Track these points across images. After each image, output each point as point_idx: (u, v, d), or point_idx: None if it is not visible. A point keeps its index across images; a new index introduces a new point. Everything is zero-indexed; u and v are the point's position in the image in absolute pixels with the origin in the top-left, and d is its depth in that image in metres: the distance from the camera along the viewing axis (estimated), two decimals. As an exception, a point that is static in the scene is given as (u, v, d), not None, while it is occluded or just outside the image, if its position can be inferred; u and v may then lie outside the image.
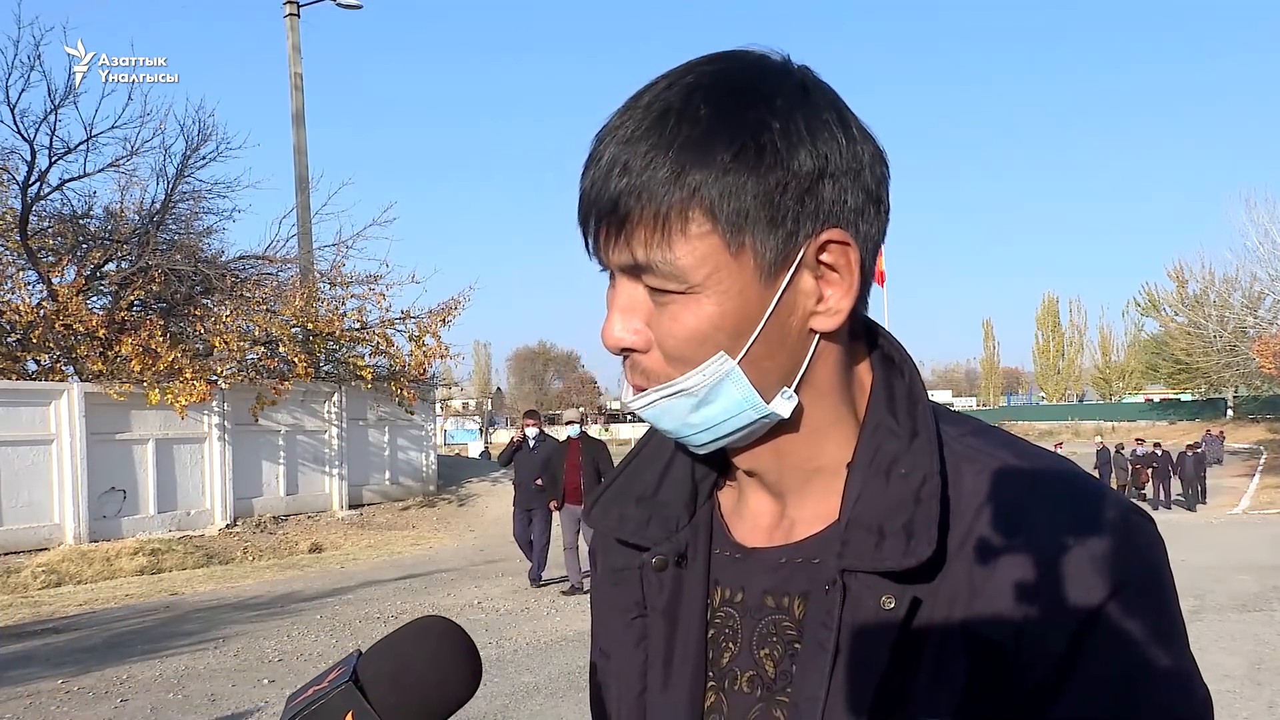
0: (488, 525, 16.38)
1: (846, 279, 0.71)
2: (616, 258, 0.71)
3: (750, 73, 0.70)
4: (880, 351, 0.79)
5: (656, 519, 0.83)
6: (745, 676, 0.77)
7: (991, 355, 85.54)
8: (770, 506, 0.80)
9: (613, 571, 0.87)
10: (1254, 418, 48.21)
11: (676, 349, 0.71)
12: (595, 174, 0.70)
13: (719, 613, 0.79)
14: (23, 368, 14.03)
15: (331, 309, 16.27)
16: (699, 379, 0.71)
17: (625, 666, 0.83)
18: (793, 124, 0.69)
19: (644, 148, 0.68)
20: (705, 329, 0.70)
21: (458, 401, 79.33)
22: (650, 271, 0.69)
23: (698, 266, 0.68)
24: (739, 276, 0.69)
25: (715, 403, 0.72)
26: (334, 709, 0.65)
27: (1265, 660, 6.88)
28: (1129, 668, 0.66)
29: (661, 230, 0.68)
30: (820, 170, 0.69)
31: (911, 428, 0.74)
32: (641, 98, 0.70)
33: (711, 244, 0.68)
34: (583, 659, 7.09)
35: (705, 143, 0.67)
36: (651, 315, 0.71)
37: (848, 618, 0.69)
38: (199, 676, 6.88)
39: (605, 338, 0.73)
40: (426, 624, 0.72)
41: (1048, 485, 0.71)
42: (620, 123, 0.70)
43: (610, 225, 0.70)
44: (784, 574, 0.76)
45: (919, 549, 0.68)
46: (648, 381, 0.73)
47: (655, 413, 0.74)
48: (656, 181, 0.67)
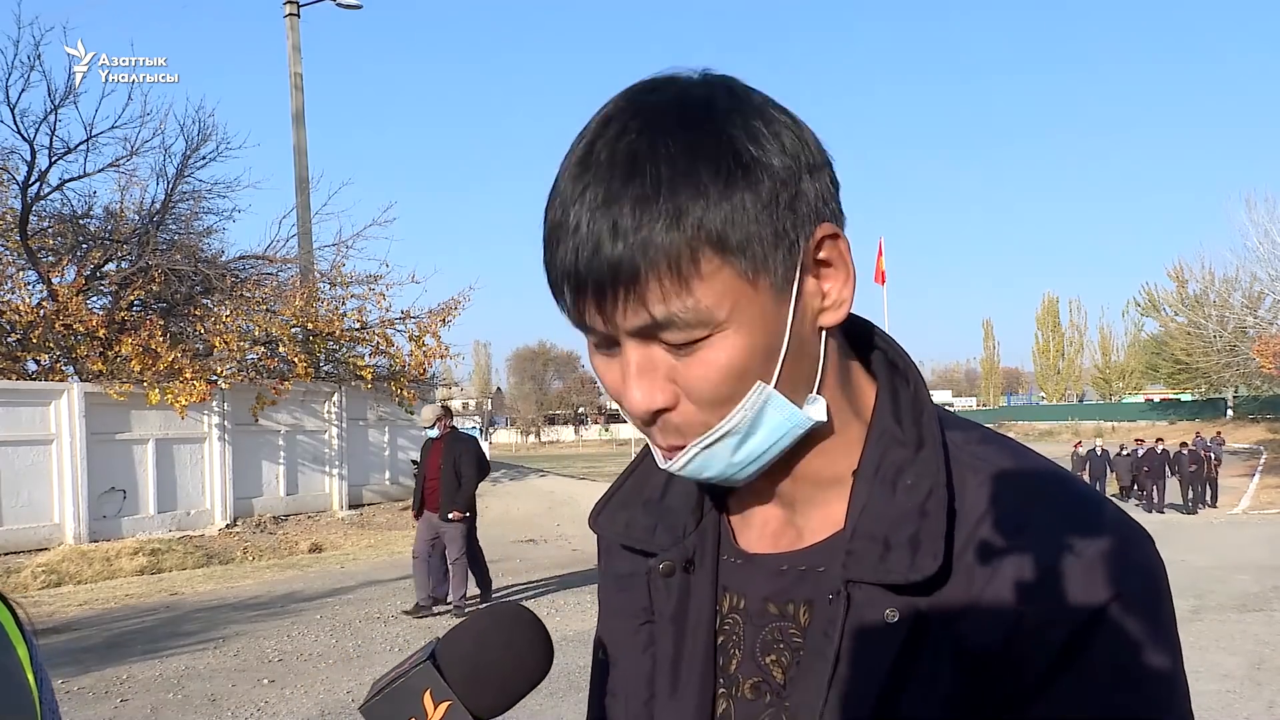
0: (488, 525, 16.32)
1: (843, 269, 0.71)
2: (629, 322, 0.67)
3: (689, 96, 0.68)
4: (883, 356, 0.79)
5: (663, 524, 0.83)
6: (748, 683, 0.77)
7: (991, 355, 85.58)
8: (777, 514, 0.79)
9: (619, 577, 0.86)
10: (1254, 418, 48.15)
11: (714, 392, 0.68)
12: (577, 244, 0.65)
13: (727, 619, 0.79)
14: (23, 368, 14.02)
15: (331, 309, 16.25)
16: (741, 415, 0.69)
17: (632, 673, 0.83)
18: (758, 132, 0.67)
19: (628, 203, 0.64)
20: (741, 363, 0.67)
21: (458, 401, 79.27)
22: (671, 326, 0.66)
23: (720, 304, 0.66)
24: (757, 301, 0.67)
25: (759, 433, 0.70)
26: (413, 687, 0.69)
27: (1265, 660, 6.88)
28: (1119, 674, 0.66)
29: (677, 280, 0.64)
30: (796, 170, 0.68)
31: (918, 436, 0.73)
32: (596, 154, 0.66)
33: (726, 277, 0.66)
34: (583, 659, 7.07)
35: (691, 177, 0.64)
36: (673, 369, 0.68)
37: (850, 628, 0.69)
38: (199, 676, 6.88)
39: (633, 407, 0.69)
40: (502, 609, 0.76)
41: (1050, 497, 0.71)
42: (585, 185, 0.66)
43: (615, 292, 0.65)
44: (787, 581, 0.76)
45: (924, 564, 0.68)
46: (683, 438, 0.70)
47: (697, 466, 0.71)
48: (657, 233, 0.64)
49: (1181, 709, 0.68)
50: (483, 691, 0.70)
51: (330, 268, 17.38)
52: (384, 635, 8.17)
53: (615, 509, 0.87)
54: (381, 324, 16.66)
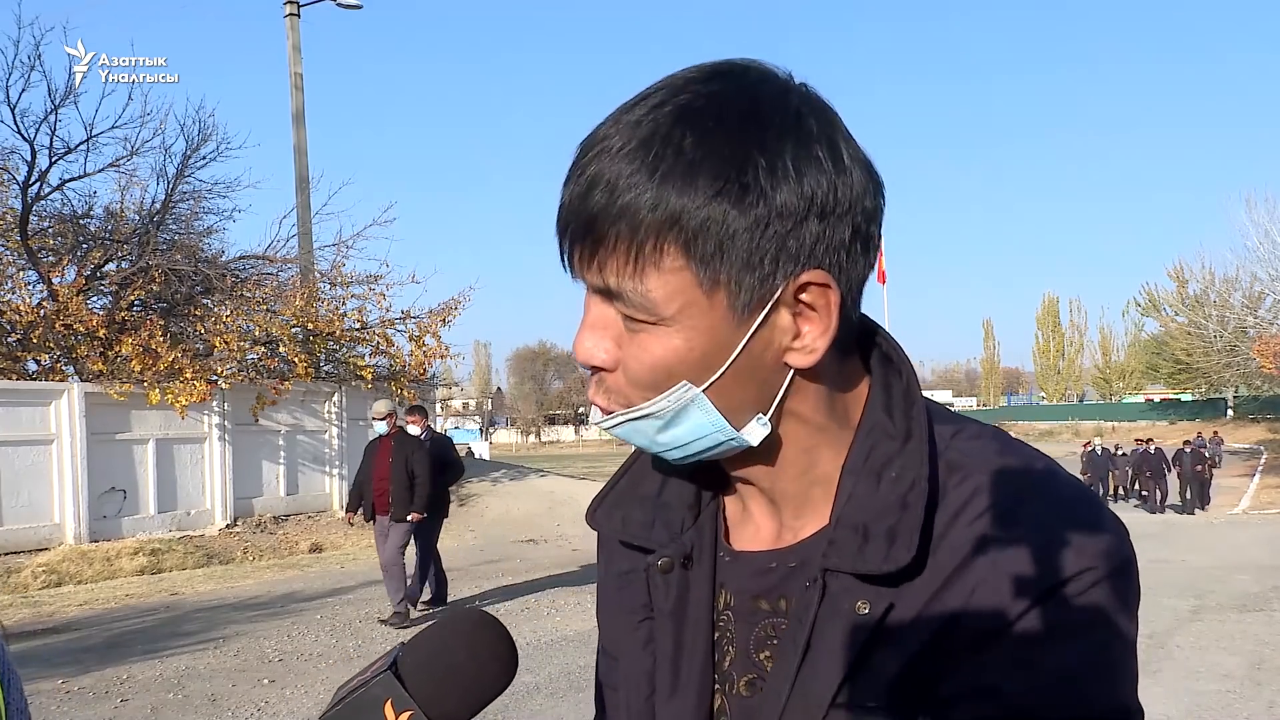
0: (488, 525, 16.38)
1: (824, 319, 0.69)
2: (590, 278, 0.70)
3: (745, 98, 0.68)
4: (879, 351, 0.79)
5: (661, 521, 0.83)
6: (743, 680, 0.77)
7: (991, 355, 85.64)
8: (771, 512, 0.79)
9: (618, 575, 0.87)
10: (1254, 418, 48.17)
11: (641, 376, 0.70)
12: (576, 188, 0.68)
13: (722, 615, 0.79)
14: (23, 368, 14.01)
15: (331, 309, 16.24)
16: (664, 404, 0.71)
17: (633, 669, 0.83)
18: (780, 160, 0.66)
19: (627, 170, 0.66)
20: (671, 362, 0.69)
21: (458, 401, 79.32)
22: (621, 300, 0.69)
23: (668, 301, 0.67)
24: (710, 314, 0.68)
25: (681, 425, 0.72)
26: (373, 697, 0.69)
27: (1265, 660, 6.88)
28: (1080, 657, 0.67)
29: (635, 261, 0.66)
30: (805, 209, 0.67)
31: (906, 430, 0.74)
32: (633, 111, 0.68)
33: (684, 279, 0.66)
34: (583, 659, 7.09)
35: (688, 175, 0.65)
36: (622, 337, 0.71)
37: (822, 616, 0.70)
38: (199, 676, 6.88)
39: (576, 350, 0.73)
40: (462, 615, 0.75)
41: (1033, 493, 0.71)
42: (607, 134, 0.68)
43: (585, 246, 0.68)
44: (775, 578, 0.76)
45: (899, 555, 0.68)
46: (609, 402, 0.73)
47: (624, 431, 0.74)
48: (636, 207, 0.65)
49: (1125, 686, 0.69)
50: (445, 700, 0.69)
51: (330, 268, 17.38)
52: (384, 635, 8.17)
53: (612, 505, 0.87)
54: (382, 324, 16.65)
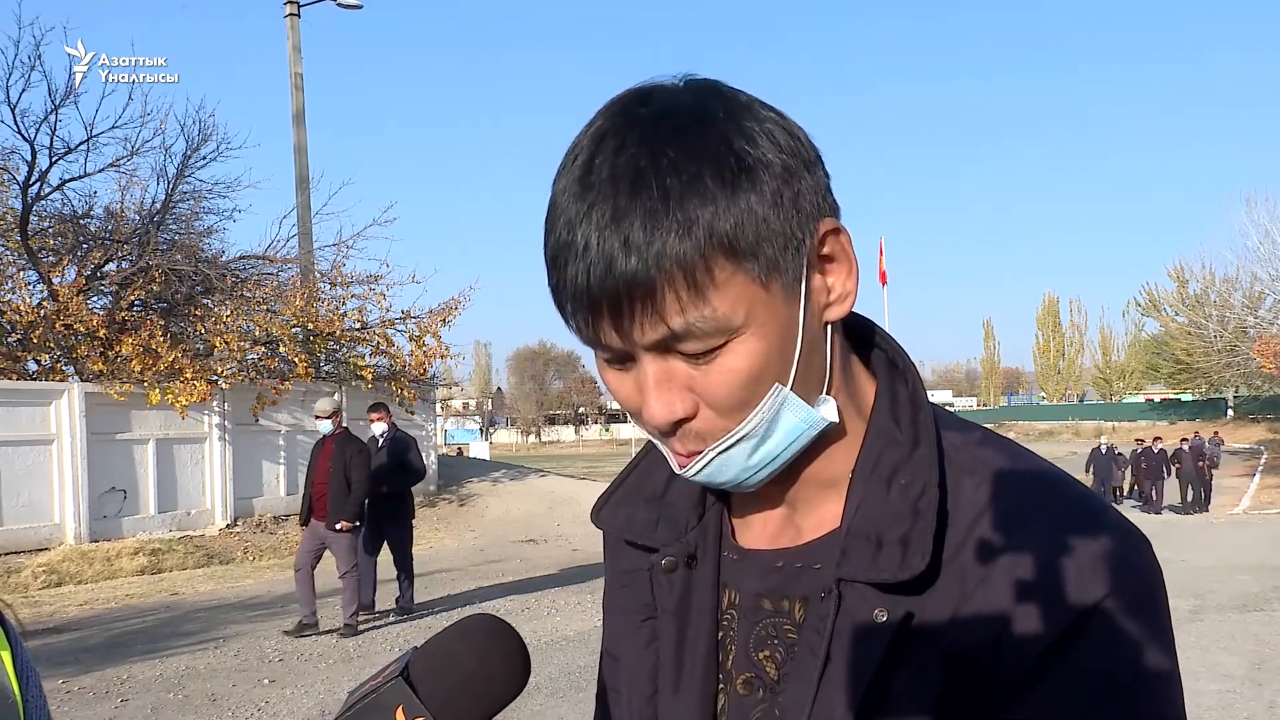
0: (488, 525, 16.38)
1: (845, 262, 0.71)
2: (646, 337, 0.66)
3: (680, 102, 0.68)
4: (883, 355, 0.79)
5: (665, 520, 0.83)
6: (741, 679, 0.77)
7: (991, 355, 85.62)
8: (778, 513, 0.79)
9: (622, 574, 0.87)
10: (1254, 418, 48.15)
11: (733, 398, 0.68)
12: (588, 263, 0.64)
13: (725, 614, 0.79)
14: (23, 368, 14.01)
15: (332, 309, 16.24)
16: (759, 418, 0.69)
17: (636, 668, 0.83)
18: (752, 132, 0.67)
19: (638, 217, 0.63)
20: (759, 367, 0.67)
21: (458, 401, 79.31)
22: (690, 337, 0.65)
23: (736, 310, 0.65)
24: (771, 304, 0.67)
25: (775, 435, 0.70)
26: (385, 703, 0.68)
27: (1265, 660, 6.88)
28: (1107, 676, 0.65)
29: (692, 290, 0.64)
30: (793, 167, 0.68)
31: (914, 436, 0.73)
32: (597, 172, 0.65)
33: (740, 283, 0.65)
34: (583, 659, 7.09)
35: (696, 185, 0.64)
36: (690, 378, 0.68)
37: (841, 626, 0.70)
38: (199, 676, 6.88)
39: (652, 419, 0.69)
40: (476, 621, 0.74)
41: (1045, 500, 0.71)
42: (590, 204, 0.65)
43: (631, 309, 0.65)
44: (781, 577, 0.76)
45: (913, 562, 0.68)
46: (704, 444, 0.70)
47: (712, 470, 0.71)
48: (670, 244, 0.63)
49: (1173, 712, 0.68)
50: (457, 706, 0.69)
51: (330, 268, 17.37)
52: (384, 635, 8.18)
53: (617, 504, 0.87)
54: (382, 324, 16.65)
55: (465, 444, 49.36)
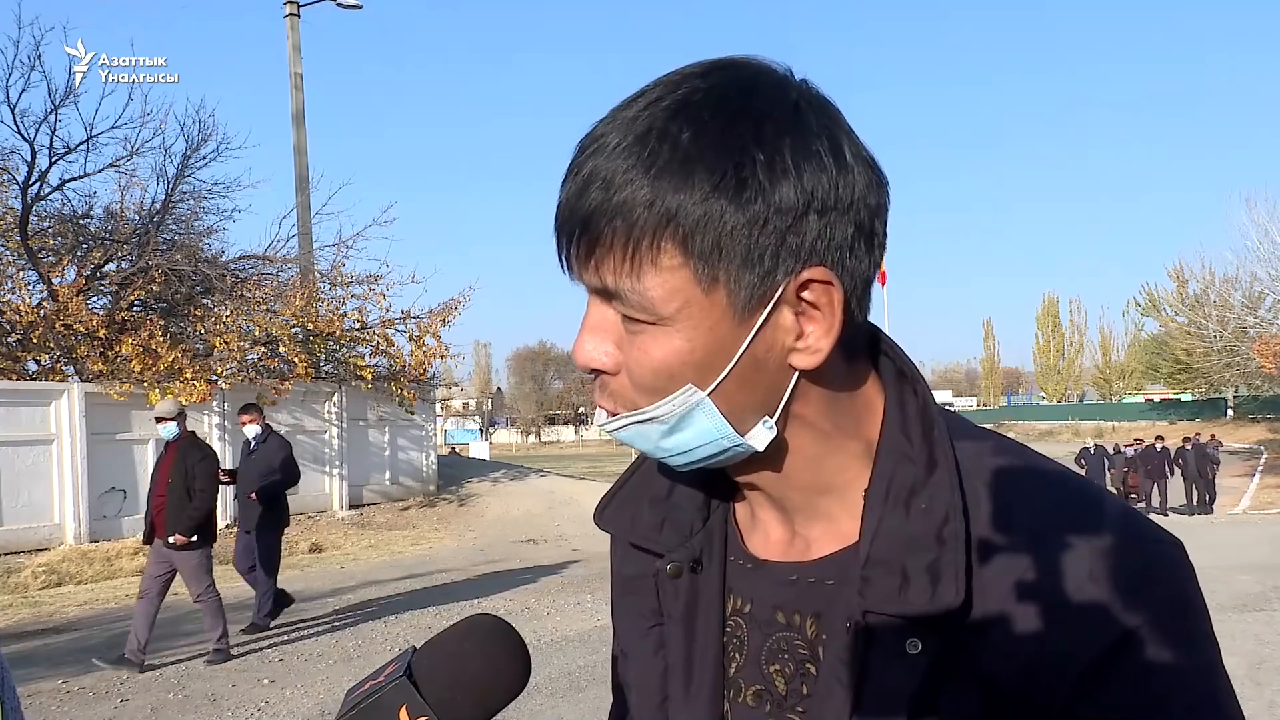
0: (488, 525, 16.38)
1: (827, 318, 0.68)
2: (587, 279, 0.69)
3: (742, 92, 0.66)
4: (891, 364, 0.76)
5: (670, 522, 0.82)
6: (750, 690, 0.76)
7: (991, 355, 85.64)
8: (781, 521, 0.78)
9: (626, 580, 0.86)
10: (1254, 418, 48.16)
11: (644, 379, 0.69)
12: (572, 186, 0.67)
13: (729, 621, 0.78)
14: (23, 368, 14.02)
15: (331, 309, 16.25)
16: (668, 408, 0.69)
17: (645, 675, 0.82)
18: (779, 154, 0.65)
19: (623, 166, 0.65)
20: (673, 363, 0.67)
21: (458, 401, 79.32)
22: (619, 300, 0.67)
23: (667, 300, 0.66)
24: (710, 313, 0.66)
25: (686, 430, 0.70)
26: (388, 703, 0.68)
27: (1265, 660, 6.88)
28: (1149, 696, 0.64)
29: (632, 260, 0.65)
30: (805, 205, 0.65)
31: (929, 454, 0.71)
32: (630, 107, 0.67)
33: (683, 278, 0.65)
34: (583, 659, 7.09)
35: (685, 170, 0.64)
36: (622, 339, 0.69)
37: (872, 658, 0.67)
38: (199, 676, 6.88)
39: (576, 355, 0.72)
40: (478, 621, 0.74)
41: (1072, 516, 0.68)
42: (604, 132, 0.67)
43: (581, 244, 0.67)
44: (795, 591, 0.75)
45: (946, 596, 0.65)
46: (615, 405, 0.72)
47: (628, 435, 0.73)
48: (631, 204, 0.64)
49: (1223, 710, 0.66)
50: (459, 706, 0.69)
51: (330, 268, 17.39)
52: (384, 635, 8.17)
53: (621, 505, 0.86)
54: (381, 324, 16.66)
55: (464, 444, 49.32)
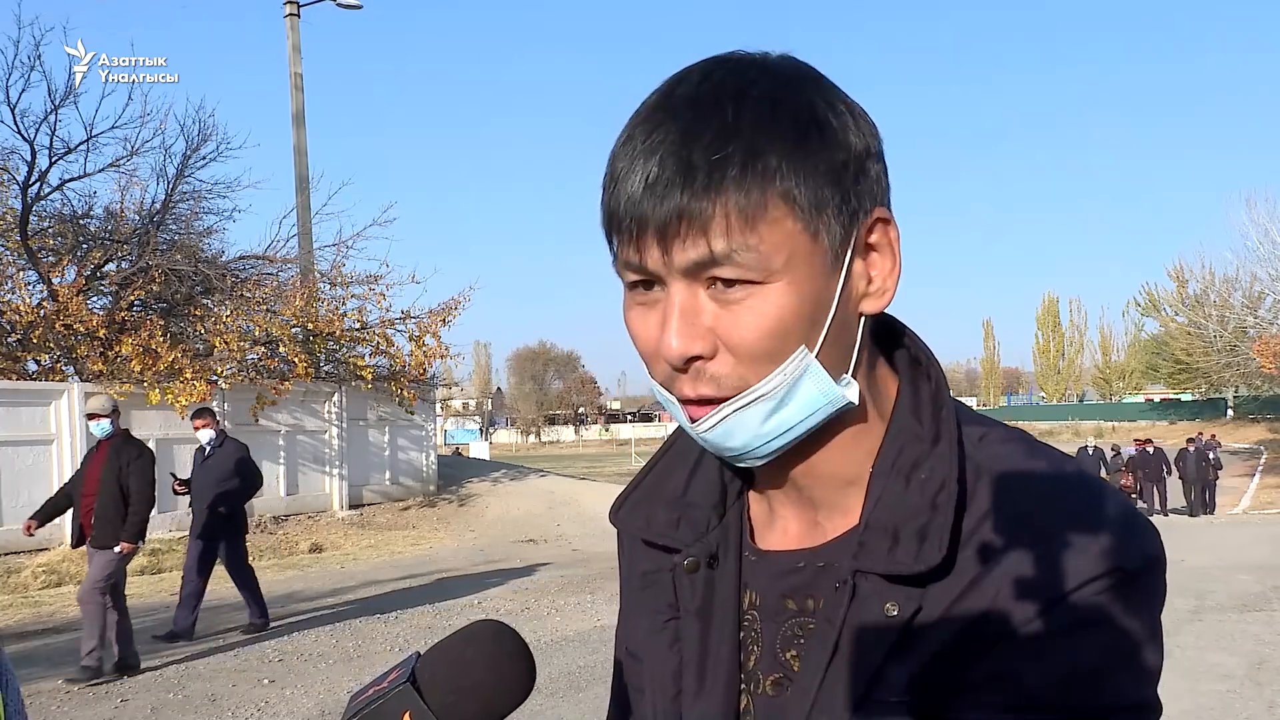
0: (488, 525, 16.38)
1: (890, 257, 0.71)
2: (687, 254, 0.66)
3: (772, 60, 0.70)
4: (906, 352, 0.79)
5: (686, 520, 0.82)
6: (769, 680, 0.77)
7: (991, 355, 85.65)
8: (799, 514, 0.79)
9: (642, 575, 0.86)
10: (1254, 418, 48.18)
11: (756, 345, 0.67)
12: (647, 175, 0.65)
13: (747, 615, 0.79)
14: (23, 368, 14.02)
15: (331, 309, 16.25)
16: (780, 379, 0.68)
17: (659, 669, 0.83)
18: (837, 105, 0.69)
19: (706, 139, 0.65)
20: (788, 319, 0.67)
21: (458, 401, 79.32)
22: (729, 262, 0.65)
23: (778, 252, 0.66)
24: (812, 262, 0.67)
25: (792, 403, 0.69)
26: (392, 709, 0.67)
27: (1265, 660, 6.88)
28: (1102, 651, 0.66)
29: (743, 217, 0.65)
30: (867, 149, 0.70)
31: (935, 432, 0.73)
32: (673, 95, 0.68)
33: (789, 228, 0.66)
34: (583, 659, 7.09)
35: (772, 125, 0.66)
36: (716, 318, 0.67)
37: (851, 617, 0.70)
38: (199, 676, 6.88)
39: (666, 350, 0.68)
40: (483, 627, 0.74)
41: (1061, 496, 0.71)
42: (659, 122, 0.66)
43: (679, 224, 0.65)
44: (803, 577, 0.76)
45: (929, 554, 0.68)
46: (718, 390, 0.68)
47: (724, 430, 0.70)
48: (731, 169, 0.64)
49: (1151, 693, 0.69)
50: (464, 712, 0.69)
51: (330, 268, 17.39)
52: (384, 635, 8.17)
53: (636, 504, 0.86)
54: (381, 324, 16.66)
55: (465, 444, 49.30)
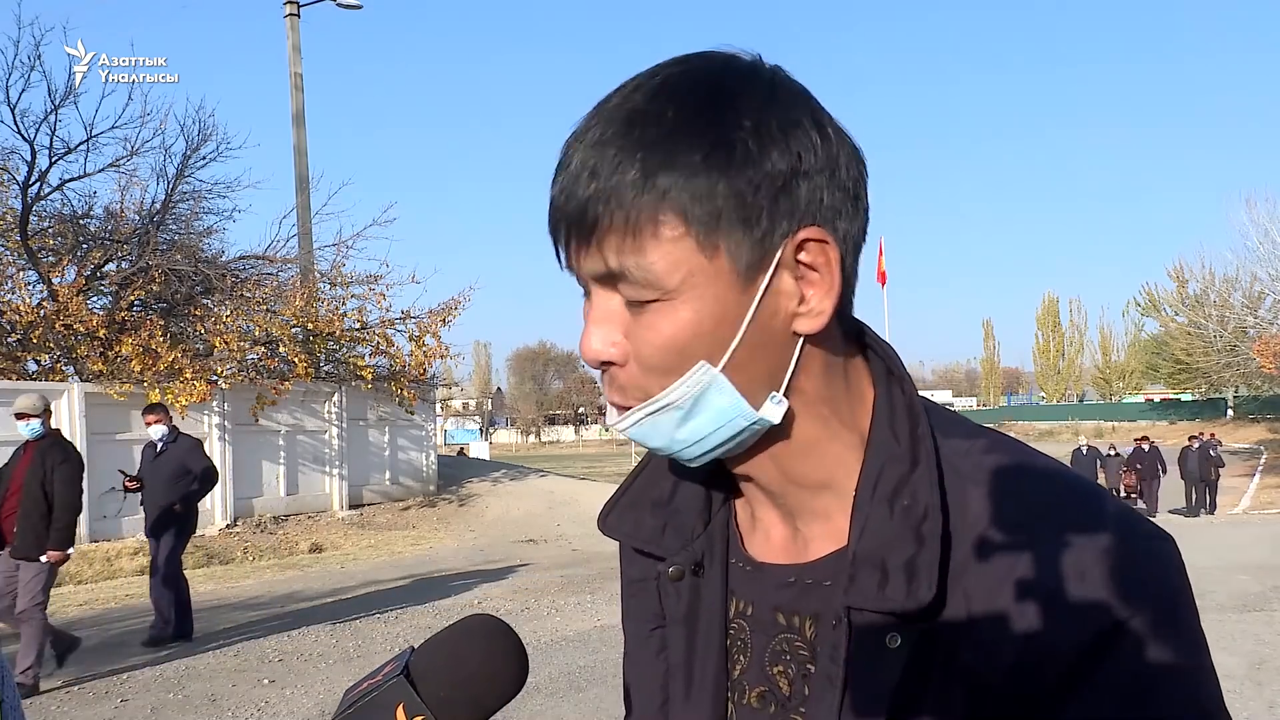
0: (488, 525, 16.38)
1: (827, 278, 0.69)
2: (588, 265, 0.69)
3: (718, 73, 0.69)
4: (881, 362, 0.77)
5: (672, 526, 0.82)
6: (755, 692, 0.76)
7: (991, 355, 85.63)
8: (781, 522, 0.78)
9: (630, 583, 0.86)
10: (1254, 418, 48.16)
11: (655, 359, 0.68)
12: (564, 180, 0.68)
13: (733, 624, 0.79)
14: (23, 368, 14.02)
15: (331, 309, 16.25)
16: (682, 390, 0.69)
17: (647, 677, 0.83)
18: (763, 123, 0.67)
19: (611, 151, 0.66)
20: (684, 337, 0.67)
21: (458, 401, 79.35)
22: (624, 279, 0.67)
23: (672, 271, 0.66)
24: (715, 280, 0.67)
25: (702, 414, 0.69)
26: (386, 702, 0.68)
27: (1265, 660, 6.87)
28: (1134, 690, 0.64)
29: (633, 235, 0.66)
30: (794, 169, 0.67)
31: (913, 452, 0.71)
32: (609, 101, 0.69)
33: (685, 247, 0.66)
34: (583, 659, 7.09)
35: (673, 144, 0.65)
36: (629, 326, 0.69)
37: (855, 653, 0.68)
38: (199, 676, 6.88)
39: (583, 352, 0.71)
40: (476, 621, 0.74)
41: (1057, 510, 0.68)
42: (588, 127, 0.68)
43: (580, 232, 0.68)
44: (794, 592, 0.75)
45: (919, 592, 0.66)
46: (625, 398, 0.71)
47: (642, 431, 0.71)
48: (625, 185, 0.65)
49: (1208, 705, 0.66)
50: (457, 706, 0.69)
51: (330, 268, 17.39)
52: (384, 635, 8.17)
53: (624, 510, 0.86)
54: (381, 324, 16.66)
55: (467, 444, 49.29)
